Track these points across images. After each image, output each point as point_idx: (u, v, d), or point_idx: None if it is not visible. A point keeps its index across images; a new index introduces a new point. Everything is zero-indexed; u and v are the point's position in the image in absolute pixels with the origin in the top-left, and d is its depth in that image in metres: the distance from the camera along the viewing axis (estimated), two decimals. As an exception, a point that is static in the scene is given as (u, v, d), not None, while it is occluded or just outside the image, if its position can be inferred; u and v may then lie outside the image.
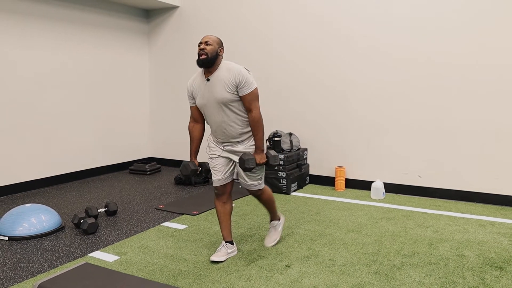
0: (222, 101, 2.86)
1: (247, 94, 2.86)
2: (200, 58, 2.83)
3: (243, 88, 2.84)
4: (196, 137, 3.13)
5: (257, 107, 2.90)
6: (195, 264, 3.01)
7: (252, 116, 2.90)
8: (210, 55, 2.83)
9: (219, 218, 3.16)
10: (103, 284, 2.04)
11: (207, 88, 2.90)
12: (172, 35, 6.49)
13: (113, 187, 5.38)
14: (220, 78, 2.85)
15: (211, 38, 2.88)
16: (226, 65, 2.89)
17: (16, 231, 3.58)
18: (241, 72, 2.83)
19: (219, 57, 2.91)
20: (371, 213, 4.25)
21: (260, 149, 2.95)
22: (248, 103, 2.88)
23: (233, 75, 2.83)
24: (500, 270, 2.93)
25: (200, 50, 2.84)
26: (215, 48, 2.86)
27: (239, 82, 2.83)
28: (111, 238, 3.56)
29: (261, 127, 2.92)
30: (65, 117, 5.51)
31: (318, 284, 2.70)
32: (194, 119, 3.11)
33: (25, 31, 4.99)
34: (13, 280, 2.80)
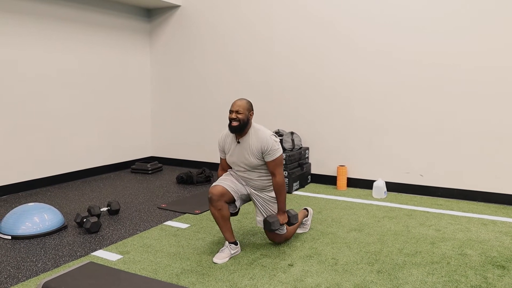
0: (250, 165, 3.13)
1: (271, 161, 3.09)
2: (232, 125, 3.04)
3: (268, 155, 3.07)
4: None
5: (280, 173, 3.11)
6: (198, 263, 3.02)
7: (276, 180, 3.11)
8: (241, 122, 3.03)
9: (218, 223, 3.15)
10: (108, 283, 2.05)
11: (237, 149, 3.16)
12: (174, 35, 6.50)
13: (115, 186, 5.39)
14: (249, 144, 3.10)
15: (241, 105, 3.06)
16: (255, 131, 3.12)
17: (19, 230, 3.59)
18: (268, 142, 3.06)
19: (249, 121, 3.10)
20: (373, 212, 4.25)
21: (283, 210, 3.18)
22: (272, 168, 3.10)
23: (260, 143, 3.06)
24: (502, 269, 2.94)
25: (231, 118, 3.03)
26: (245, 115, 3.06)
27: (265, 150, 3.06)
28: (114, 237, 3.57)
29: (284, 191, 3.15)
30: (67, 117, 5.52)
31: (321, 283, 2.71)
32: (223, 169, 3.37)
33: (27, 31, 4.99)
34: (17, 279, 2.81)
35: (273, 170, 3.10)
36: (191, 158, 6.58)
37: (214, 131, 6.28)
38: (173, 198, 4.79)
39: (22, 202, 4.65)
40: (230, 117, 3.05)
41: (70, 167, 5.60)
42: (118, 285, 2.03)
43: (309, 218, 3.68)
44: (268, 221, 3.09)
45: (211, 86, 6.25)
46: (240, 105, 3.05)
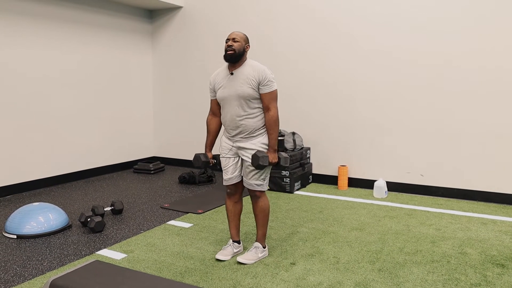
0: (243, 95, 2.94)
1: (268, 93, 2.94)
2: (227, 53, 2.93)
3: (265, 86, 2.93)
4: (213, 129, 3.20)
5: (275, 106, 2.98)
6: (201, 262, 3.06)
7: (270, 115, 2.96)
8: (237, 51, 2.93)
9: (228, 217, 3.20)
10: (114, 281, 2.09)
11: (229, 82, 2.99)
12: (176, 35, 6.54)
13: (118, 186, 5.44)
14: (244, 74, 2.95)
15: (238, 34, 2.97)
16: (250, 63, 3.00)
17: (24, 230, 3.64)
18: (265, 71, 2.94)
19: (245, 53, 3.00)
20: (374, 212, 4.29)
21: (273, 148, 2.99)
22: (268, 101, 2.95)
23: (257, 72, 2.93)
24: (502, 267, 2.97)
25: (227, 46, 2.93)
26: (242, 45, 2.96)
27: (261, 79, 2.92)
28: (118, 237, 3.61)
29: (277, 127, 2.98)
30: (70, 117, 5.56)
31: (323, 281, 2.75)
32: (213, 113, 3.20)
33: (32, 32, 5.04)
34: (23, 278, 2.85)
35: (268, 104, 2.95)
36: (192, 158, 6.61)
37: (216, 131, 6.31)
38: (175, 198, 4.84)
39: (26, 202, 4.69)
40: (226, 46, 2.95)
41: (73, 167, 5.65)
42: (124, 283, 2.08)
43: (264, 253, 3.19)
44: (257, 155, 2.86)
45: (213, 86, 6.28)
46: (237, 34, 2.98)
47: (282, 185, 5.07)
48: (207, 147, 3.22)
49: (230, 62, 2.98)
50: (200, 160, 3.08)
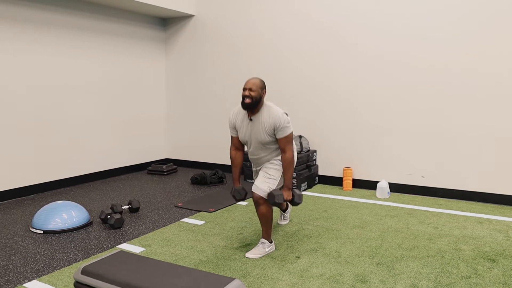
0: (262, 142, 3.27)
1: (283, 138, 3.21)
2: (245, 102, 3.17)
3: (280, 131, 3.20)
4: (238, 163, 3.52)
5: (290, 149, 3.25)
6: (214, 255, 3.33)
7: (286, 156, 3.24)
8: (254, 99, 3.16)
9: None
10: (138, 268, 2.37)
11: (249, 127, 3.28)
12: (188, 43, 6.84)
13: (133, 186, 5.73)
14: (261, 121, 3.22)
15: (254, 83, 3.18)
16: (267, 109, 3.23)
17: (50, 226, 3.93)
18: (280, 119, 3.17)
19: (262, 99, 3.23)
20: (376, 211, 4.53)
21: (288, 187, 3.30)
22: (283, 144, 3.23)
23: (273, 120, 3.18)
24: (492, 262, 3.20)
25: (244, 95, 3.16)
26: (258, 93, 3.18)
27: (277, 126, 3.18)
28: (136, 232, 3.89)
29: (292, 167, 3.27)
30: (88, 122, 5.88)
31: (325, 273, 3.01)
32: (236, 147, 3.49)
33: (57, 40, 5.36)
34: (53, 268, 3.14)
35: (284, 147, 3.21)
36: (204, 160, 6.90)
37: (226, 135, 6.60)
38: (188, 198, 5.11)
39: (48, 200, 5.00)
40: (243, 94, 3.15)
41: (91, 169, 5.96)
42: (147, 269, 2.35)
43: (289, 210, 4.01)
44: (273, 194, 3.15)
45: (223, 91, 6.58)
46: (254, 83, 3.16)
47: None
48: (236, 180, 3.54)
49: (248, 110, 3.24)
50: (241, 194, 3.47)
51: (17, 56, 4.99)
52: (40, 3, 5.20)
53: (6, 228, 4.04)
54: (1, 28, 4.82)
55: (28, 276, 2.99)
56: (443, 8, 4.88)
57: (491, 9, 4.63)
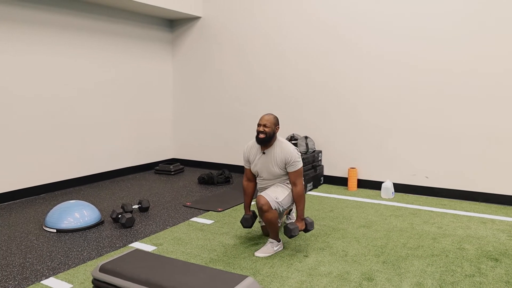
0: (273, 174, 3.48)
1: (294, 172, 3.42)
2: (259, 137, 3.39)
3: (291, 166, 3.41)
4: (250, 193, 3.73)
5: (301, 182, 3.44)
6: (224, 254, 3.42)
7: (297, 190, 3.43)
8: (268, 135, 3.38)
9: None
10: (154, 266, 2.46)
11: (262, 159, 3.49)
12: (194, 44, 6.93)
13: (142, 186, 5.83)
14: (274, 155, 3.43)
15: (269, 120, 3.39)
16: (280, 144, 3.45)
17: (63, 224, 4.03)
18: (291, 154, 3.39)
19: (275, 135, 3.44)
20: (381, 211, 4.62)
21: (301, 218, 3.47)
22: (294, 178, 3.43)
23: (284, 155, 3.40)
24: (495, 261, 3.29)
25: (259, 130, 3.37)
26: (272, 129, 3.40)
27: (288, 161, 3.40)
28: (147, 231, 3.99)
29: (303, 200, 3.45)
30: (97, 122, 5.98)
31: (333, 271, 3.10)
32: (248, 179, 3.71)
33: (69, 42, 5.46)
34: (68, 266, 3.24)
35: (295, 180, 3.42)
36: (210, 160, 7.00)
37: (232, 135, 6.70)
38: (196, 197, 5.21)
39: (58, 199, 5.10)
40: (258, 130, 3.40)
41: (100, 168, 6.06)
42: (163, 267, 2.44)
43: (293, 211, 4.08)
44: (289, 228, 3.32)
45: (229, 92, 6.67)
46: (268, 119, 3.40)
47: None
48: (247, 208, 3.73)
49: (261, 145, 3.44)
50: (250, 221, 3.63)
51: (31, 58, 5.10)
52: (54, 6, 5.30)
53: (20, 226, 4.14)
54: (21, 31, 4.92)
55: (45, 274, 3.09)
56: (445, 10, 4.96)
57: (491, 10, 4.71)
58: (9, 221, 4.30)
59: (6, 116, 4.92)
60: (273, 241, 3.46)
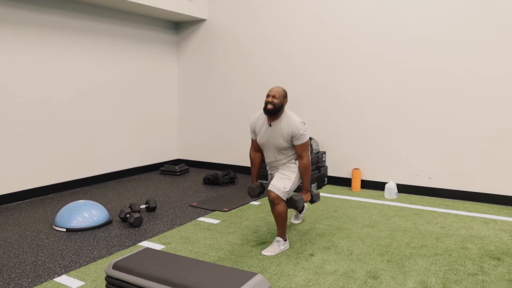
0: (279, 147, 3.47)
1: (300, 145, 3.44)
2: (267, 107, 3.38)
3: (297, 139, 3.42)
4: (257, 163, 3.76)
5: (307, 155, 3.48)
6: (231, 253, 3.50)
7: (303, 162, 3.48)
8: (276, 106, 3.37)
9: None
10: (165, 263, 2.53)
11: (268, 132, 3.49)
12: (199, 46, 7.01)
13: (148, 186, 5.91)
14: (280, 128, 3.42)
15: (278, 91, 3.40)
16: (287, 117, 3.45)
17: (72, 224, 4.11)
18: (298, 127, 3.39)
19: (283, 107, 3.44)
20: (384, 211, 4.68)
21: (307, 189, 3.56)
22: (300, 151, 3.46)
23: (291, 128, 3.39)
24: (498, 260, 3.35)
25: (267, 101, 3.38)
26: (281, 101, 3.40)
27: (294, 134, 3.40)
28: (155, 231, 4.06)
29: (309, 172, 3.51)
30: (103, 123, 6.06)
31: (338, 269, 3.17)
32: (255, 149, 3.74)
33: (76, 44, 5.55)
34: (79, 264, 3.31)
35: (301, 153, 3.45)
36: (215, 160, 7.07)
37: (236, 136, 6.77)
38: (202, 197, 5.28)
39: (66, 199, 5.18)
40: (266, 101, 3.37)
41: (106, 169, 6.14)
42: (174, 264, 2.51)
43: (304, 212, 4.18)
44: (294, 199, 3.41)
45: (233, 93, 6.74)
46: (277, 91, 3.38)
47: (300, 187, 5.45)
48: (254, 178, 3.78)
49: (269, 116, 3.44)
50: (256, 191, 3.68)
51: (38, 59, 5.18)
52: (60, 9, 5.38)
53: (30, 226, 4.22)
54: (27, 33, 5.01)
55: (57, 271, 3.17)
56: (447, 12, 5.02)
57: (494, 11, 4.77)
58: (19, 221, 4.38)
59: (15, 118, 5.00)
60: (279, 240, 3.53)
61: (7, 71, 4.89)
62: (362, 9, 5.55)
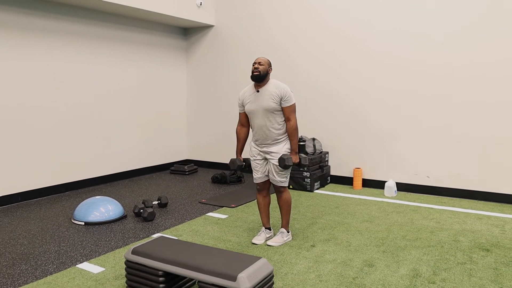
0: (268, 108, 3.62)
1: (288, 106, 3.62)
2: (254, 74, 3.61)
3: (285, 101, 3.60)
4: (242, 138, 3.90)
5: (294, 117, 3.67)
6: (238, 244, 3.77)
7: (290, 124, 3.65)
8: (262, 72, 3.60)
9: (259, 208, 3.89)
10: (179, 249, 2.81)
11: (256, 98, 3.68)
12: (207, 51, 7.31)
13: (159, 185, 6.20)
14: (268, 91, 3.62)
15: (262, 59, 3.65)
16: (274, 82, 3.67)
17: (90, 218, 4.40)
18: (286, 89, 3.61)
19: (268, 75, 3.67)
20: (383, 208, 4.94)
21: (295, 151, 3.71)
22: (288, 113, 3.64)
23: (279, 90, 3.59)
24: (486, 251, 3.59)
25: (254, 68, 3.61)
26: (266, 68, 3.63)
27: (283, 95, 3.59)
28: (167, 224, 4.35)
29: (297, 134, 3.69)
30: (116, 125, 6.37)
31: (337, 258, 3.43)
32: (242, 124, 3.88)
33: (93, 51, 5.87)
34: (98, 253, 3.60)
35: (289, 115, 3.62)
36: (222, 160, 7.36)
37: (243, 137, 7.05)
38: (210, 195, 5.56)
39: (82, 197, 5.48)
40: (253, 68, 3.60)
41: (118, 168, 6.45)
42: (187, 250, 2.79)
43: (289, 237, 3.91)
44: (283, 158, 3.54)
45: (241, 97, 7.02)
46: (262, 59, 3.63)
47: (303, 185, 5.75)
48: (238, 153, 3.91)
49: (256, 82, 3.66)
50: (236, 164, 3.81)
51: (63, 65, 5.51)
52: (78, 17, 5.71)
53: (51, 220, 4.52)
54: (59, 42, 5.34)
55: (79, 259, 3.46)
56: (450, 17, 5.28)
57: (497, 17, 5.02)
58: (40, 215, 4.68)
59: (36, 122, 5.32)
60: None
61: (36, 77, 5.21)
62: (365, 14, 5.82)
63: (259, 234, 3.86)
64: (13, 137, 5.12)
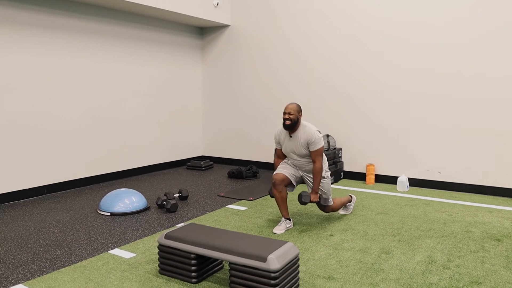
0: (299, 154, 3.98)
1: (314, 151, 3.91)
2: (285, 124, 3.91)
3: (311, 146, 3.90)
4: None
5: (320, 160, 3.93)
6: (259, 233, 3.95)
7: (315, 166, 3.92)
8: (292, 121, 3.89)
9: (277, 202, 4.06)
10: (209, 234, 3.00)
11: (289, 142, 4.01)
12: (223, 50, 7.51)
13: (177, 179, 6.40)
14: (299, 138, 3.95)
15: (292, 108, 3.88)
16: (303, 127, 3.95)
17: (115, 209, 4.61)
18: (312, 135, 3.87)
19: (299, 121, 3.94)
20: (396, 201, 5.10)
21: (315, 191, 4.00)
22: (314, 156, 3.93)
23: (306, 137, 3.89)
24: (498, 241, 3.75)
25: (284, 118, 3.89)
26: (296, 116, 3.90)
27: (310, 142, 3.89)
28: (189, 215, 4.54)
29: (320, 176, 3.95)
30: (136, 122, 6.58)
31: (355, 246, 3.60)
32: (278, 156, 4.23)
33: (117, 50, 6.08)
34: (127, 241, 3.80)
35: (314, 158, 3.90)
36: (237, 157, 7.55)
37: (258, 134, 7.24)
38: (228, 189, 5.75)
39: (104, 190, 5.69)
40: (284, 118, 3.91)
41: (138, 163, 6.66)
42: (217, 234, 2.97)
43: (352, 203, 4.58)
44: (301, 195, 3.88)
45: (255, 95, 7.22)
46: (292, 108, 3.88)
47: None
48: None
49: (288, 130, 3.97)
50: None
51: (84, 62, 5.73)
52: (102, 17, 5.92)
53: (78, 210, 4.73)
54: (82, 40, 5.55)
55: (110, 246, 3.66)
56: (456, 19, 5.43)
57: (498, 18, 5.17)
58: (66, 206, 4.89)
59: (61, 121, 5.54)
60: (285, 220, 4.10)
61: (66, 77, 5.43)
62: (377, 17, 5.98)
63: (280, 224, 4.04)
64: (40, 134, 5.34)
